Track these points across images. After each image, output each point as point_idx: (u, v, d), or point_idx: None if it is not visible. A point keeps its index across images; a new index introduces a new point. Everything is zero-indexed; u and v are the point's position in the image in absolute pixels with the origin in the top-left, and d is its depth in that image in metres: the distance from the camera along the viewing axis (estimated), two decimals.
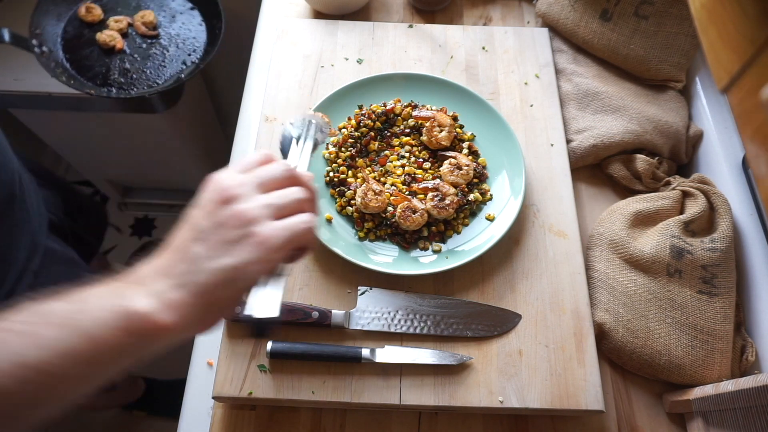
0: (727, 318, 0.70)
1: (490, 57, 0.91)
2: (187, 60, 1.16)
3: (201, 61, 1.16)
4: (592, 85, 0.88)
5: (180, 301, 0.41)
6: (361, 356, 0.65)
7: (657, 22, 0.88)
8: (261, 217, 0.44)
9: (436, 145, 0.79)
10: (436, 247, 0.73)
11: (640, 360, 0.69)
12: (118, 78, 1.12)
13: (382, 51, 0.92)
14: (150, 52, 1.17)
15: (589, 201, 0.84)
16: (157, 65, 1.15)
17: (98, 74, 1.12)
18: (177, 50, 1.17)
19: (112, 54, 1.15)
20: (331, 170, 0.79)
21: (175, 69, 1.15)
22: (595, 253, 0.76)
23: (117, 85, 1.12)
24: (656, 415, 0.69)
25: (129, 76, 1.13)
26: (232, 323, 0.68)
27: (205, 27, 1.21)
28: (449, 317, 0.69)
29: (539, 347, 0.68)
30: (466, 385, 0.66)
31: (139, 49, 1.17)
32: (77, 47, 1.15)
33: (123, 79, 1.13)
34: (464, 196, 0.76)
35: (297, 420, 0.67)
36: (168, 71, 1.15)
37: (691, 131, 0.86)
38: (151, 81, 1.13)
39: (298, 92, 0.87)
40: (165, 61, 1.16)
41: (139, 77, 1.13)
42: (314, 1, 0.97)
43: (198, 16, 1.22)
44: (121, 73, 1.13)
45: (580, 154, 0.83)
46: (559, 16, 0.93)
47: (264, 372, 0.66)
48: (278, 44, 0.91)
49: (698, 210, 0.74)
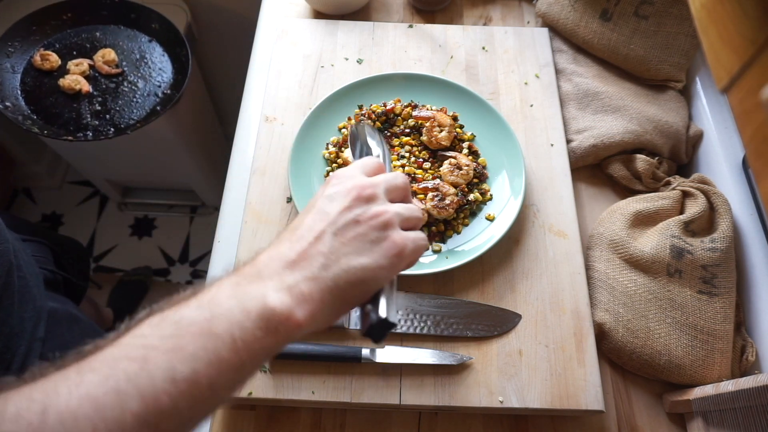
0: (727, 318, 0.70)
1: (490, 57, 0.91)
2: (158, 91, 1.14)
3: (174, 90, 1.13)
4: (592, 85, 0.88)
5: (311, 295, 0.39)
6: (361, 356, 0.65)
7: (657, 22, 0.88)
8: (395, 223, 0.43)
9: (436, 145, 0.79)
10: (436, 247, 0.73)
11: (640, 360, 0.69)
12: (91, 121, 1.09)
13: (382, 51, 0.92)
14: (119, 90, 1.14)
15: (589, 201, 0.84)
16: (128, 102, 1.13)
17: (69, 120, 1.09)
18: (146, 84, 1.15)
19: (79, 99, 1.12)
20: (331, 170, 0.79)
21: (150, 102, 1.13)
22: (595, 253, 0.76)
23: (92, 128, 1.09)
24: (656, 415, 0.69)
25: (103, 117, 1.10)
26: None
27: (168, 57, 1.19)
28: (449, 317, 0.69)
29: (539, 347, 0.68)
30: (466, 385, 0.66)
31: (106, 89, 1.14)
32: (40, 97, 1.11)
33: (97, 121, 1.10)
34: (464, 196, 0.76)
35: (297, 420, 0.67)
36: (142, 105, 1.13)
37: (691, 131, 0.86)
38: (127, 118, 1.11)
39: (298, 92, 0.87)
40: (137, 96, 1.14)
41: (113, 117, 1.11)
42: (314, 1, 0.97)
43: (158, 47, 1.20)
44: (94, 116, 1.10)
45: (580, 154, 0.83)
46: (559, 16, 0.93)
47: (264, 372, 0.66)
48: (278, 44, 0.91)
49: (698, 210, 0.74)
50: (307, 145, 0.79)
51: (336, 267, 0.40)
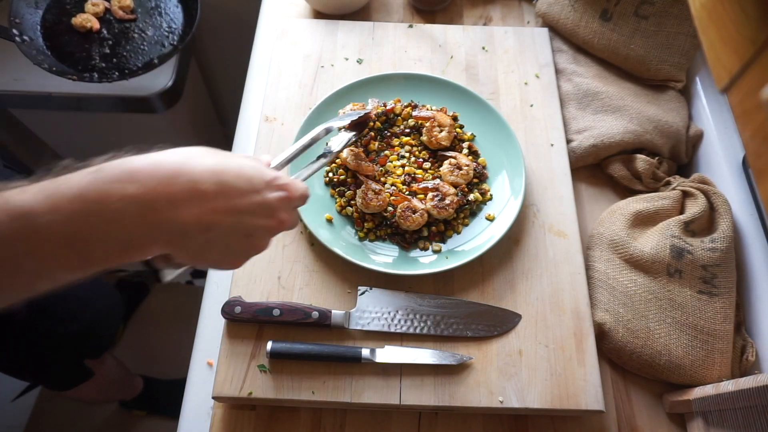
0: (727, 318, 0.70)
1: (490, 57, 0.91)
2: (165, 42, 1.16)
3: (179, 43, 1.15)
4: (592, 85, 0.88)
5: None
6: (361, 356, 0.65)
7: (657, 22, 0.88)
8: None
9: (436, 145, 0.79)
10: (436, 247, 0.73)
11: (640, 360, 0.69)
12: (99, 63, 1.12)
13: (382, 51, 0.92)
14: (129, 36, 1.16)
15: (589, 201, 0.84)
16: (136, 48, 1.15)
17: (79, 60, 1.12)
18: (155, 32, 1.17)
19: (91, 39, 1.15)
20: (330, 170, 0.79)
21: (155, 52, 1.15)
22: (595, 253, 0.76)
23: (98, 70, 1.11)
24: (656, 415, 0.69)
25: (110, 61, 1.13)
26: (232, 323, 0.68)
27: (181, 8, 1.20)
28: (449, 317, 0.69)
29: (539, 347, 0.68)
30: (466, 385, 0.66)
31: (117, 33, 1.16)
32: (57, 34, 1.15)
33: (104, 63, 1.12)
34: (464, 196, 0.76)
35: (297, 420, 0.67)
36: (148, 53, 1.14)
37: (691, 131, 0.86)
38: (132, 64, 1.13)
39: (298, 92, 0.87)
40: (144, 43, 1.15)
41: (119, 60, 1.13)
42: (314, 1, 0.97)
43: None
44: (102, 58, 1.13)
45: (580, 154, 0.83)
46: (559, 16, 0.93)
47: (264, 372, 0.66)
48: (278, 44, 0.91)
49: (698, 210, 0.74)
50: None
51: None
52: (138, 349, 1.66)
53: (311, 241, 0.74)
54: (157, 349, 1.66)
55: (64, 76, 1.08)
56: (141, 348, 1.67)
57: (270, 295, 0.71)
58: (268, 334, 0.68)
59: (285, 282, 0.71)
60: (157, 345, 1.67)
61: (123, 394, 1.50)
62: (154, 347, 1.67)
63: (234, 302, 0.68)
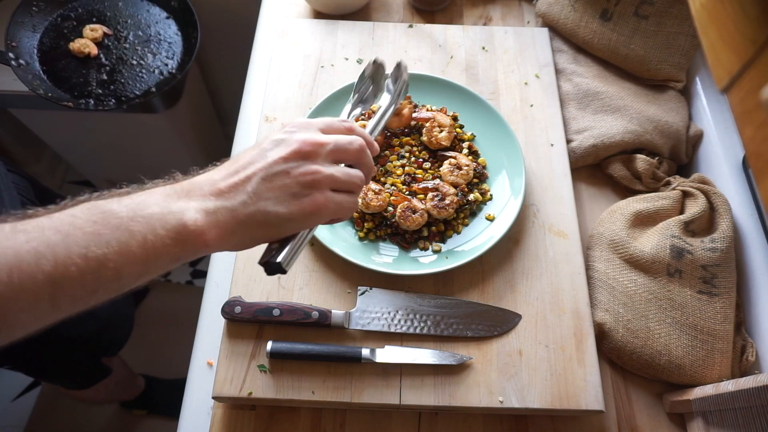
0: (727, 318, 0.70)
1: (490, 57, 0.91)
2: (164, 70, 1.15)
3: (178, 72, 1.14)
4: (592, 85, 0.88)
5: (225, 223, 0.44)
6: (361, 356, 0.65)
7: (657, 22, 0.88)
8: (324, 184, 0.48)
9: (436, 146, 0.79)
10: (436, 247, 0.73)
11: (640, 360, 0.69)
12: (95, 89, 1.11)
13: (382, 51, 0.92)
14: (126, 62, 1.16)
15: (589, 201, 0.84)
16: (134, 75, 1.14)
17: (76, 86, 1.11)
18: (154, 59, 1.16)
19: (89, 65, 1.14)
20: None
21: (153, 79, 1.14)
22: (595, 253, 0.76)
23: (95, 97, 1.10)
24: (656, 415, 0.69)
25: (107, 87, 1.12)
26: (232, 323, 0.68)
27: (181, 37, 1.20)
28: (449, 317, 0.69)
29: (539, 347, 0.68)
30: (466, 385, 0.66)
31: (115, 59, 1.16)
32: (54, 59, 1.13)
33: (101, 90, 1.11)
34: (464, 196, 0.76)
35: (297, 420, 0.67)
36: (146, 81, 1.14)
37: (691, 131, 0.86)
38: (129, 91, 1.12)
39: (298, 92, 0.87)
40: (143, 70, 1.15)
41: (116, 88, 1.12)
42: (314, 1, 0.97)
43: (174, 25, 1.21)
44: (99, 84, 1.12)
45: (580, 154, 0.83)
46: (559, 16, 0.93)
47: (264, 372, 0.66)
48: (278, 44, 0.91)
49: (698, 210, 0.74)
50: None
51: (253, 207, 0.45)
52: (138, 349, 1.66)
53: (311, 241, 0.74)
54: (157, 349, 1.66)
55: (59, 102, 1.07)
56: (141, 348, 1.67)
57: (270, 295, 0.71)
58: (268, 334, 0.68)
59: (285, 282, 0.71)
60: (157, 345, 1.68)
61: (127, 394, 1.50)
62: (154, 347, 1.67)
63: (234, 302, 0.68)
